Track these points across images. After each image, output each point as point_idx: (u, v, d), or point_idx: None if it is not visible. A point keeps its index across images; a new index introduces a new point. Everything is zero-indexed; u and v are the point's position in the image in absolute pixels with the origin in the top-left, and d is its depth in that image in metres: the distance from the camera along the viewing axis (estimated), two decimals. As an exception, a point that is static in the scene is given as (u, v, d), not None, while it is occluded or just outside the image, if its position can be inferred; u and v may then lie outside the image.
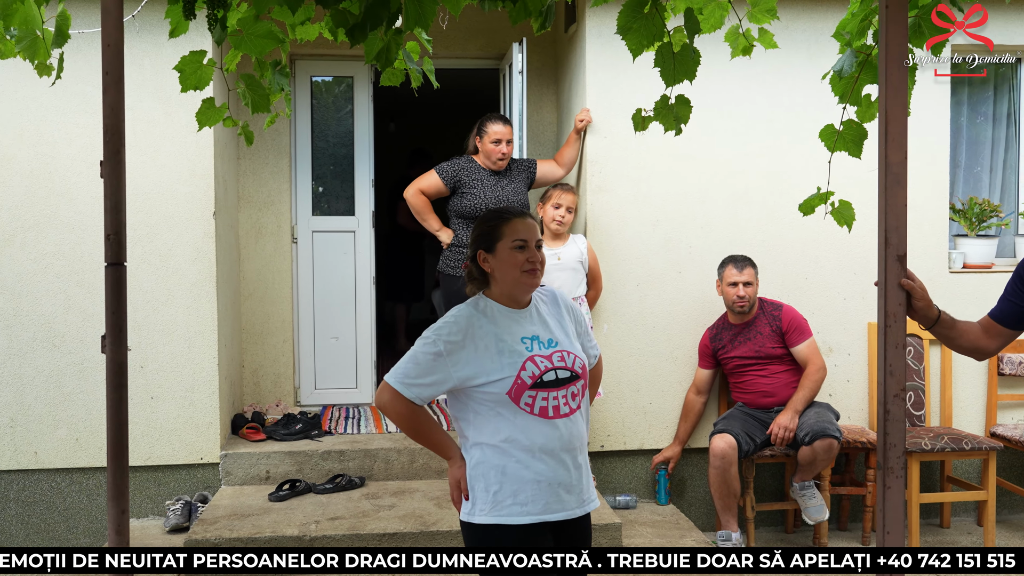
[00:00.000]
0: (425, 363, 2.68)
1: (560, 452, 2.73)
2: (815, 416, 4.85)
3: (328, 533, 4.31)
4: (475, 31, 6.14)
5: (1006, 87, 5.92)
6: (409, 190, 5.13)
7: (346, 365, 6.23)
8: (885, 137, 2.68)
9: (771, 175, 5.36)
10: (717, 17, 3.22)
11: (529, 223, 2.81)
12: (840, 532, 5.41)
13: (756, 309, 5.11)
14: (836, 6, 5.28)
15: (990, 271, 5.60)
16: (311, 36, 3.48)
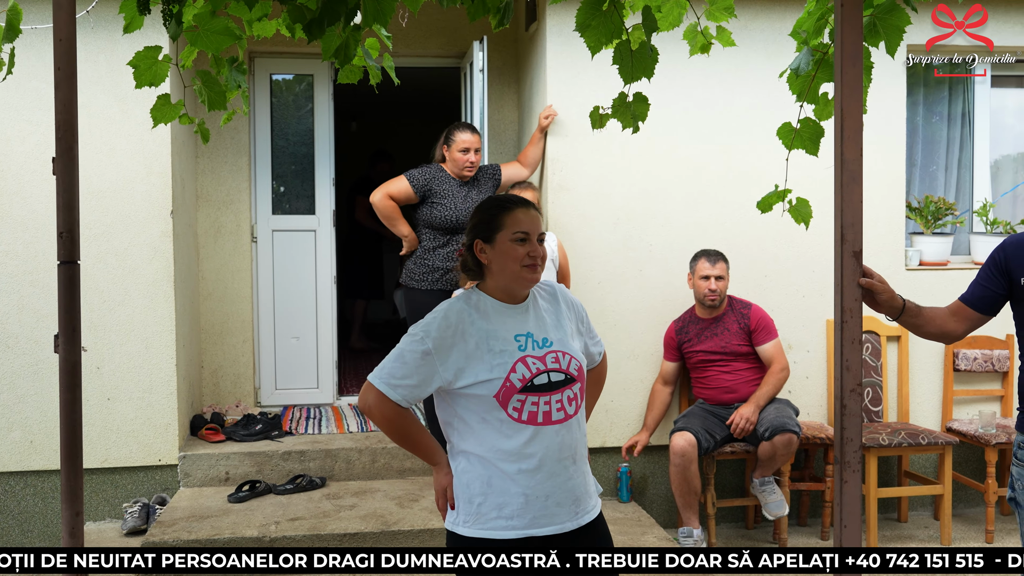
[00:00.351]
0: (412, 362, 2.49)
1: (550, 463, 2.53)
2: (775, 412, 4.89)
3: (288, 534, 4.28)
4: (436, 29, 6.12)
5: (960, 88, 6.00)
6: (377, 194, 5.04)
7: (307, 365, 6.19)
8: (841, 134, 2.69)
9: (731, 173, 5.40)
10: (675, 15, 3.23)
11: (532, 214, 2.63)
12: (800, 527, 5.47)
13: (725, 306, 5.15)
14: (794, 5, 5.32)
15: (945, 268, 5.68)
16: (268, 32, 3.45)
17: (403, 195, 5.01)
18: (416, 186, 4.98)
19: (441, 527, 4.37)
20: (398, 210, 5.04)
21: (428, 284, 4.95)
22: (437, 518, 4.47)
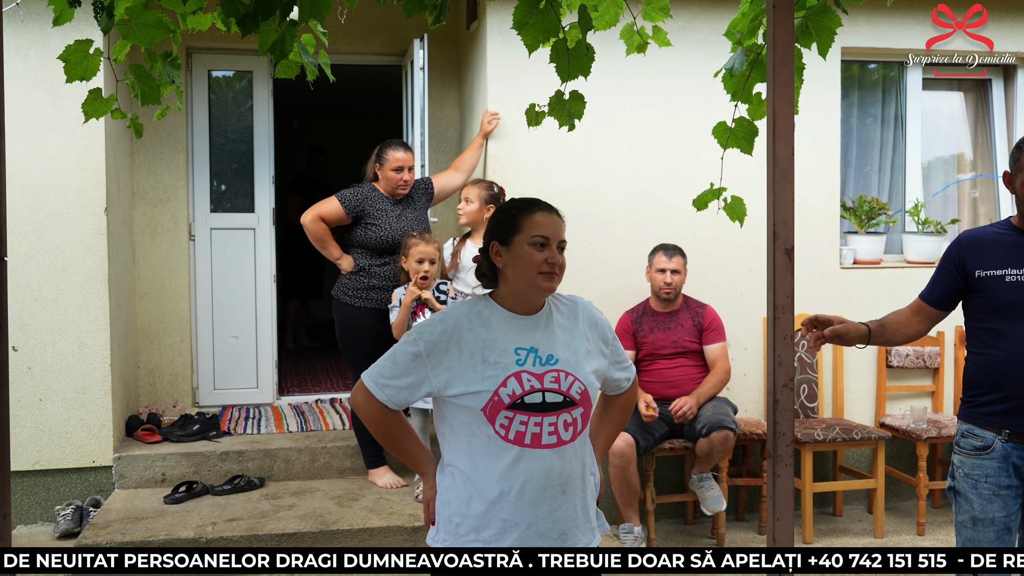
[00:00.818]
0: (402, 363, 2.38)
1: (534, 489, 2.36)
2: (712, 409, 4.96)
3: (225, 534, 4.23)
4: (377, 27, 6.10)
5: (893, 90, 6.13)
6: (307, 216, 4.92)
7: (246, 365, 6.12)
8: (773, 133, 2.71)
9: (670, 172, 5.45)
10: (612, 14, 3.25)
11: (554, 219, 2.46)
12: (737, 522, 5.54)
13: (680, 302, 5.21)
14: (731, 7, 5.38)
15: (879, 267, 5.79)
16: (203, 26, 3.41)
17: (334, 216, 4.90)
18: (348, 207, 4.89)
19: (381, 526, 4.35)
20: (329, 232, 4.94)
21: (361, 301, 4.90)
22: (377, 517, 4.45)
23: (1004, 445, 3.08)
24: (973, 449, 3.14)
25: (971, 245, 3.19)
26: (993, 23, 5.78)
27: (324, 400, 6.25)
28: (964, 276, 3.18)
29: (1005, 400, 3.07)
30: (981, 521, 3.13)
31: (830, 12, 3.13)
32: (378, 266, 4.91)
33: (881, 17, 5.67)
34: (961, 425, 3.21)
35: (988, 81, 6.21)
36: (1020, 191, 3.09)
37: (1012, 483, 3.10)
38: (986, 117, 6.26)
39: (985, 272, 3.12)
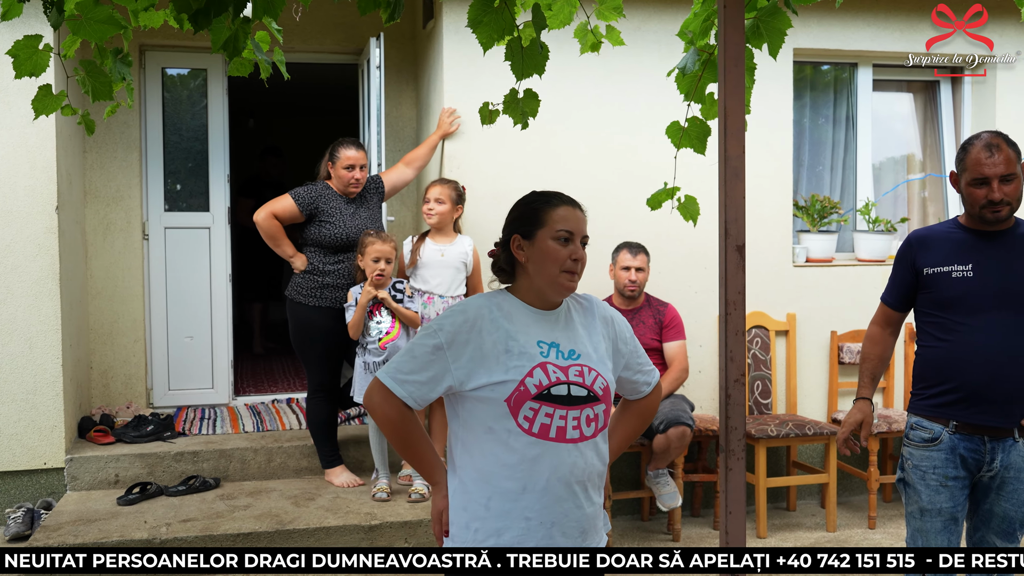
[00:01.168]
0: (423, 356, 2.27)
1: (559, 485, 2.28)
2: (669, 405, 5.00)
3: (180, 535, 4.20)
4: (333, 25, 6.07)
5: (845, 92, 6.22)
6: (260, 213, 4.88)
7: (202, 365, 6.07)
8: (724, 132, 2.74)
9: (625, 171, 5.48)
10: (566, 13, 3.27)
11: (579, 214, 2.40)
12: (693, 518, 5.59)
13: (643, 300, 5.25)
14: (686, 8, 5.38)
15: (830, 265, 5.88)
16: (155, 23, 3.38)
17: (288, 214, 4.88)
18: (302, 205, 4.87)
19: (338, 524, 4.34)
20: (282, 230, 4.91)
21: (316, 301, 4.87)
22: (334, 516, 4.44)
23: (951, 437, 3.15)
24: (921, 441, 3.21)
25: (919, 244, 3.29)
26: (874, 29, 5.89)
27: (281, 400, 6.21)
28: (915, 274, 3.28)
29: (953, 391, 3.15)
30: (928, 512, 3.20)
31: (780, 13, 3.18)
32: (332, 265, 4.89)
33: (832, 19, 5.76)
34: (910, 418, 3.29)
35: (936, 83, 6.32)
36: (965, 191, 3.17)
37: (959, 474, 3.17)
38: (935, 118, 6.38)
39: (933, 269, 3.21)
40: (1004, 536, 3.21)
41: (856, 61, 6.10)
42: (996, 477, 3.17)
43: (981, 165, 3.09)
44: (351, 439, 5.23)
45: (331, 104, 9.31)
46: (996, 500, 3.19)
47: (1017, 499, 3.17)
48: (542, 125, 5.13)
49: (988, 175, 3.08)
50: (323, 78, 7.75)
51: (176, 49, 5.96)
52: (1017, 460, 3.14)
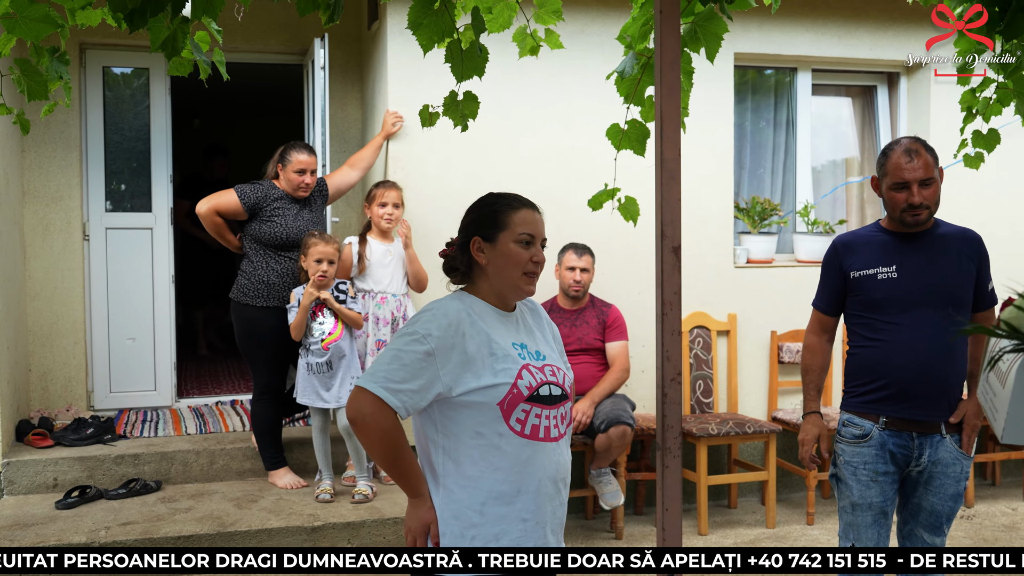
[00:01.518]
0: (413, 364, 2.21)
1: (548, 484, 2.34)
2: (611, 405, 5.06)
3: (119, 539, 4.16)
4: (278, 25, 6.05)
5: (785, 95, 6.34)
6: (203, 206, 4.84)
7: (144, 367, 6.00)
8: (660, 135, 2.79)
9: (569, 172, 5.53)
10: (506, 17, 3.30)
11: (539, 217, 2.44)
12: (636, 516, 5.66)
13: (587, 301, 5.30)
14: (627, 12, 5.50)
15: (771, 266, 5.99)
16: (93, 22, 3.35)
17: (231, 210, 4.85)
18: (246, 203, 4.84)
19: (280, 526, 4.33)
20: (224, 225, 4.90)
21: (262, 301, 4.85)
22: (276, 518, 4.42)
23: (881, 433, 3.25)
24: (853, 437, 3.30)
25: (844, 248, 3.38)
26: (877, 33, 6.02)
27: (225, 402, 6.17)
28: (843, 278, 3.37)
29: (883, 388, 3.24)
30: (859, 506, 3.29)
31: (717, 18, 3.24)
32: (276, 264, 4.87)
33: (772, 25, 5.86)
34: (842, 415, 3.38)
35: (874, 88, 6.46)
36: (887, 195, 3.26)
37: (889, 469, 3.26)
38: (872, 122, 6.52)
39: (859, 272, 3.30)
40: (931, 530, 3.31)
41: (796, 66, 6.21)
42: (924, 472, 3.26)
43: (901, 170, 3.18)
44: (295, 441, 5.21)
45: (279, 104, 9.25)
46: (924, 494, 3.29)
47: (944, 493, 3.27)
48: (486, 127, 5.16)
49: (908, 179, 3.17)
50: (270, 78, 7.70)
51: (118, 48, 5.89)
52: (944, 455, 3.24)
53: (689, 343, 5.79)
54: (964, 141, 3.81)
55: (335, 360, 4.66)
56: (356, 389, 2.23)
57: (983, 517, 5.61)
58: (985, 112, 3.76)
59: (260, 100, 9.49)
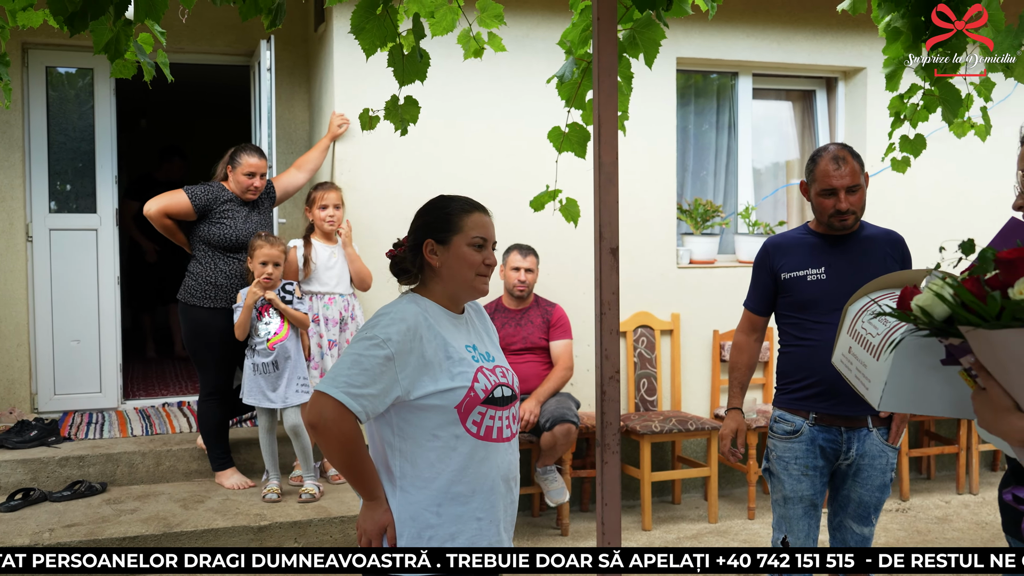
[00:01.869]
0: (373, 368, 2.23)
1: (501, 483, 2.41)
2: (556, 404, 5.14)
3: (63, 540, 4.14)
4: (224, 26, 6.04)
5: (727, 99, 6.47)
6: (152, 207, 4.81)
7: (89, 369, 5.96)
8: (599, 139, 2.86)
9: (514, 174, 5.59)
10: (449, 20, 3.36)
11: (490, 220, 2.51)
12: (582, 513, 5.74)
13: (532, 300, 5.37)
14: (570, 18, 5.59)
15: (713, 266, 6.11)
16: (35, 23, 3.36)
17: (181, 211, 4.83)
18: (196, 204, 4.83)
19: (226, 526, 4.34)
20: (175, 226, 4.89)
21: (210, 302, 4.85)
22: (222, 518, 4.44)
23: (811, 429, 3.36)
24: (784, 433, 3.41)
25: (775, 250, 3.50)
26: (814, 39, 6.17)
27: (172, 404, 6.15)
28: (774, 279, 3.49)
29: (812, 386, 3.36)
30: (791, 499, 3.40)
31: (655, 25, 3.33)
32: (225, 265, 4.87)
33: (714, 31, 5.98)
34: (774, 411, 3.49)
35: (813, 92, 6.62)
36: (815, 200, 3.39)
37: (819, 464, 3.38)
38: (812, 126, 6.67)
39: (790, 274, 3.43)
40: (860, 520, 3.43)
41: (737, 70, 6.34)
42: (852, 465, 3.38)
43: (829, 177, 3.30)
44: (242, 442, 5.22)
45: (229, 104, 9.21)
46: (852, 486, 3.41)
47: (871, 484, 3.39)
48: (432, 129, 5.23)
49: (836, 186, 3.30)
50: (217, 79, 7.67)
51: (62, 48, 5.85)
52: (871, 448, 3.36)
53: (633, 342, 5.89)
54: (892, 145, 3.93)
55: (281, 360, 4.68)
56: (316, 394, 2.25)
57: (917, 510, 5.78)
58: (912, 118, 3.89)
59: (216, 101, 9.44)
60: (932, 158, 4.82)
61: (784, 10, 6.11)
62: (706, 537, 5.29)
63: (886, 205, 6.01)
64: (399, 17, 3.17)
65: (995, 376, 1.67)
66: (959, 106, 3.76)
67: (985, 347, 1.64)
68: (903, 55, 3.65)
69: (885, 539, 5.20)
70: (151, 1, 2.82)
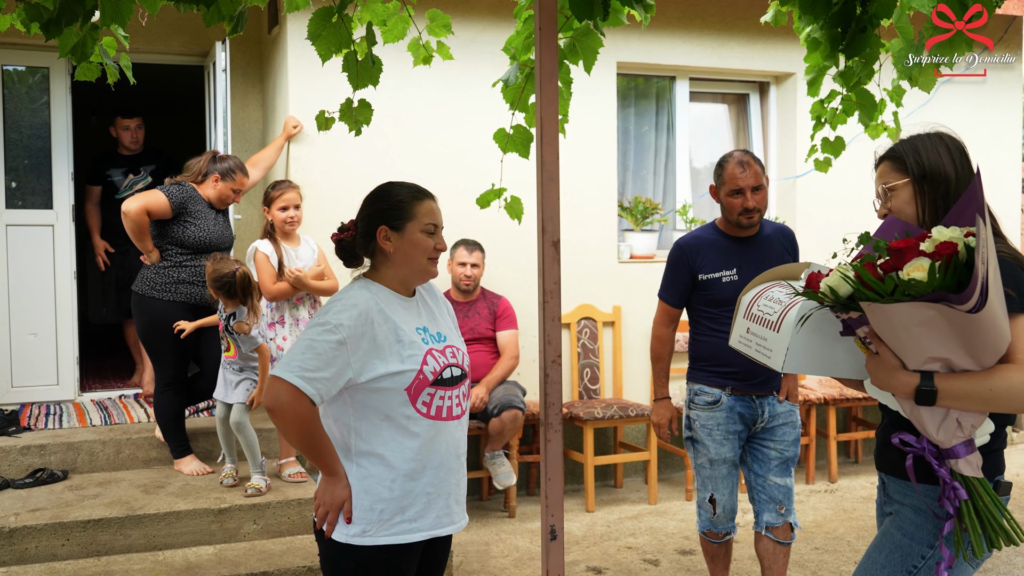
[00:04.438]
0: (327, 353, 2.34)
1: (451, 459, 2.56)
2: (503, 391, 5.39)
3: (29, 524, 4.29)
4: (179, 27, 6.18)
5: (666, 101, 6.76)
6: (133, 204, 4.84)
7: (46, 362, 6.07)
8: (541, 140, 3.07)
9: (463, 174, 5.81)
10: (400, 28, 3.58)
11: (438, 207, 2.64)
12: (528, 496, 5.99)
13: (479, 293, 5.61)
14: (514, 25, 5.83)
15: (652, 261, 6.39)
16: (1, 27, 3.50)
17: (160, 210, 4.89)
18: (174, 204, 4.92)
19: (188, 509, 4.52)
20: (147, 225, 4.94)
21: (170, 295, 4.96)
22: (183, 502, 4.61)
23: (729, 398, 3.78)
24: (705, 404, 3.81)
25: (692, 251, 3.88)
26: (747, 45, 6.49)
27: (128, 396, 6.29)
28: (692, 277, 3.86)
29: (729, 370, 3.79)
30: (716, 461, 3.81)
31: (593, 34, 3.58)
32: (189, 263, 5.00)
33: (652, 37, 6.26)
34: (692, 386, 3.89)
35: (747, 95, 6.94)
36: (724, 201, 3.80)
37: (737, 428, 3.80)
38: (746, 127, 6.99)
39: (706, 275, 3.82)
40: (781, 473, 3.84)
41: (674, 75, 6.64)
42: (767, 425, 3.81)
43: (736, 179, 3.72)
44: (199, 431, 5.37)
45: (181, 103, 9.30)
46: (770, 444, 3.83)
47: (786, 440, 3.83)
48: (383, 130, 5.44)
49: (742, 186, 3.71)
50: (170, 78, 7.77)
51: (15, 47, 5.95)
52: (780, 409, 3.82)
53: (577, 333, 6.15)
54: (813, 147, 4.23)
55: (243, 362, 4.80)
56: (272, 379, 2.35)
57: (845, 491, 6.12)
58: (832, 121, 4.19)
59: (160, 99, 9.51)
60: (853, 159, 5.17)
61: (718, 18, 6.41)
62: (646, 518, 5.57)
63: (811, 203, 6.35)
64: (353, 25, 3.38)
65: (887, 342, 2.08)
66: (874, 110, 4.06)
67: (881, 318, 2.04)
68: (822, 63, 3.94)
69: (814, 517, 5.53)
70: (117, 7, 3.00)
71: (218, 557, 4.36)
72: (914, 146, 2.32)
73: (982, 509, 2.10)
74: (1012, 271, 2.10)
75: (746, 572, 4.66)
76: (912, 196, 2.30)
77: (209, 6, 3.06)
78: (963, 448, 2.10)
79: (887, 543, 2.32)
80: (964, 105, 6.94)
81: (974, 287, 1.89)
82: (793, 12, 3.76)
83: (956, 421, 2.07)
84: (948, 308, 1.94)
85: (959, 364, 2.02)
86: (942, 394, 2.03)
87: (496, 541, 5.15)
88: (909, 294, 1.96)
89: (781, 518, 3.82)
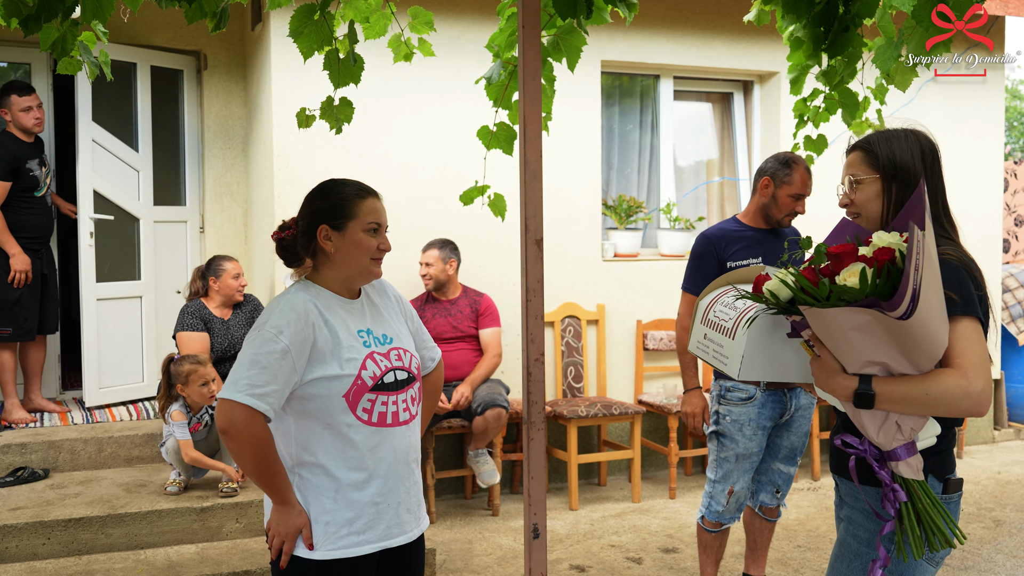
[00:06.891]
0: (272, 365, 2.24)
1: (399, 466, 2.42)
2: (487, 390, 5.38)
3: (9, 523, 4.27)
4: (163, 23, 6.15)
5: (650, 100, 6.77)
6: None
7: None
8: (524, 138, 3.07)
9: (446, 171, 5.82)
10: (382, 25, 3.57)
11: (382, 205, 2.51)
12: (512, 494, 5.99)
13: (461, 291, 5.61)
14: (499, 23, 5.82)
15: (636, 259, 6.40)
16: (-18, 22, 3.47)
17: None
18: None
19: (170, 507, 4.50)
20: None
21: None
22: (166, 500, 4.59)
23: (763, 394, 3.86)
24: (739, 400, 3.89)
25: (718, 240, 3.97)
26: (732, 44, 6.51)
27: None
28: (720, 265, 3.93)
29: None
30: (743, 456, 3.89)
31: (576, 32, 3.57)
32: None
33: (636, 35, 6.27)
34: (726, 382, 3.92)
35: (731, 95, 6.96)
36: (781, 199, 3.94)
37: (767, 424, 3.90)
38: (730, 126, 7.01)
39: (735, 263, 3.90)
40: (789, 462, 4.00)
41: (659, 73, 6.65)
42: (790, 419, 3.93)
43: (805, 186, 3.94)
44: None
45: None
46: (787, 435, 3.96)
47: (801, 431, 3.97)
48: (368, 127, 5.43)
49: (805, 194, 3.94)
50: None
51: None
52: (804, 400, 3.94)
53: (561, 332, 6.15)
54: (796, 145, 4.24)
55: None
56: (222, 401, 2.25)
57: (827, 489, 6.14)
58: (815, 119, 4.20)
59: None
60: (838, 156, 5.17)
61: (702, 17, 6.43)
62: (630, 516, 5.58)
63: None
64: (335, 22, 3.37)
65: (827, 345, 2.12)
66: (856, 108, 4.07)
67: (818, 322, 2.09)
68: (805, 62, 3.95)
69: (797, 515, 5.55)
70: (98, 4, 2.99)
71: (200, 556, 4.35)
72: (888, 141, 2.32)
73: (922, 511, 2.13)
74: (956, 274, 2.10)
75: (728, 570, 4.67)
76: (879, 193, 2.32)
77: (191, 3, 3.05)
78: (904, 451, 2.12)
79: (846, 552, 2.33)
80: (947, 104, 6.99)
81: (903, 294, 1.93)
82: (776, 11, 3.78)
83: (896, 424, 2.10)
84: (881, 314, 1.98)
85: (897, 368, 2.05)
86: (880, 397, 2.06)
87: (479, 539, 5.15)
88: (844, 299, 2.01)
89: (776, 500, 4.01)
